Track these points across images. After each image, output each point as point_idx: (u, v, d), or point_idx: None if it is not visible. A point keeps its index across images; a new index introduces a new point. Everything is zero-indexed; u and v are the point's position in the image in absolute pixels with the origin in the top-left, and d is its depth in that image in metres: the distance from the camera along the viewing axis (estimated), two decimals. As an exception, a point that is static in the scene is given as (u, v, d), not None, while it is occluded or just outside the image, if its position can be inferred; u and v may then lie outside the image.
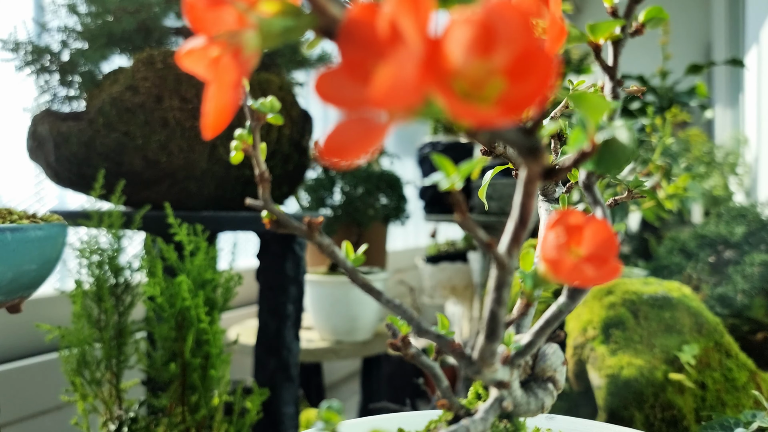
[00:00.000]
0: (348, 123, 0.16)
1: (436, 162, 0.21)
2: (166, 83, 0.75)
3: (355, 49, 0.16)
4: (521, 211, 0.21)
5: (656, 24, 0.30)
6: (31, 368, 0.91)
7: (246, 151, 0.30)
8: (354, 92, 0.16)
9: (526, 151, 0.18)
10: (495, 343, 0.24)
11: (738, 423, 0.63)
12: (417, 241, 2.46)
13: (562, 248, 0.23)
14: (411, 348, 0.30)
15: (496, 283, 0.22)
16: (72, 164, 0.76)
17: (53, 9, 0.80)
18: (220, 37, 0.18)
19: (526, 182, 0.20)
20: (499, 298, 0.22)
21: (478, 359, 0.25)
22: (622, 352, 0.77)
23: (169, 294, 0.67)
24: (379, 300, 0.26)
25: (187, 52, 0.19)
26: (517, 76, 0.15)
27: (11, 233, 0.50)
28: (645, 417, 0.73)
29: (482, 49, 0.15)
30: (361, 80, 0.16)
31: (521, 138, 0.18)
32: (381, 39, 0.16)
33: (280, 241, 0.90)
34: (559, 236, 0.23)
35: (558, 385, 0.31)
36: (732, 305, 1.00)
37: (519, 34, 0.15)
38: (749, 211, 1.09)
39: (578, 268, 0.22)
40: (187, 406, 0.68)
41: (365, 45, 0.16)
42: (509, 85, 0.15)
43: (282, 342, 0.89)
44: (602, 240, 0.23)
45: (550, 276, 0.24)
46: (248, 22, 0.18)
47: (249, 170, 0.82)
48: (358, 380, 1.64)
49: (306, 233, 0.26)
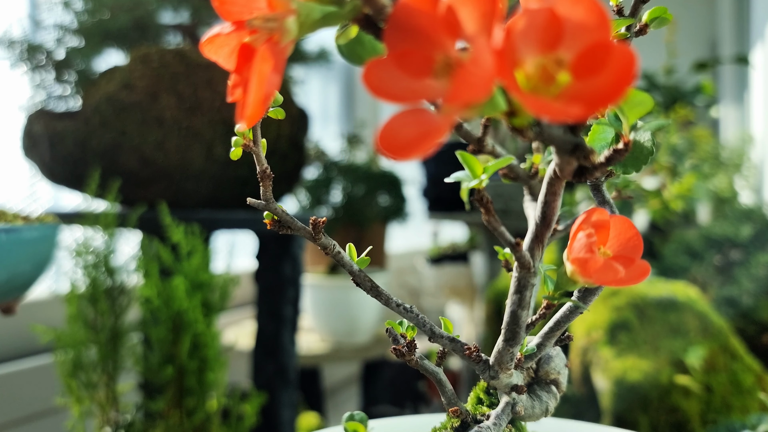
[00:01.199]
0: (403, 117, 0.15)
1: (463, 160, 0.21)
2: (162, 81, 0.74)
3: (406, 39, 0.15)
4: (545, 210, 0.20)
5: (660, 24, 0.29)
6: (26, 371, 0.90)
7: (246, 148, 0.28)
8: (406, 84, 0.15)
9: (569, 149, 0.17)
10: (516, 347, 0.24)
11: (744, 426, 0.62)
12: (418, 241, 2.45)
13: (591, 248, 0.22)
14: (415, 354, 0.29)
15: (518, 284, 0.22)
16: (67, 163, 0.75)
17: (48, 6, 0.80)
18: (254, 23, 0.17)
19: (553, 180, 0.20)
20: (520, 301, 0.22)
21: (495, 363, 0.24)
22: (627, 355, 0.75)
23: (165, 296, 0.66)
24: (388, 304, 0.25)
25: (209, 39, 0.18)
26: (588, 70, 0.15)
27: (5, 234, 0.49)
28: (650, 420, 0.72)
29: (551, 41, 0.15)
30: (413, 71, 0.15)
31: (566, 135, 0.17)
32: (436, 29, 0.15)
33: (279, 241, 0.89)
34: (590, 236, 0.22)
35: (561, 388, 0.31)
36: (738, 307, 0.99)
37: (590, 26, 0.15)
38: (755, 211, 1.08)
39: (609, 268, 0.22)
40: (183, 409, 0.68)
41: (417, 35, 0.15)
42: (580, 80, 0.15)
43: (280, 345, 0.88)
44: (627, 239, 0.22)
45: (578, 277, 0.23)
46: (286, 7, 0.17)
47: (246, 170, 0.81)
48: (358, 384, 1.63)
49: (310, 234, 0.25)
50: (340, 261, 0.25)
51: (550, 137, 0.17)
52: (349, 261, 0.26)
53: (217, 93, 0.76)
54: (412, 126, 0.15)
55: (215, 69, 0.77)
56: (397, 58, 0.15)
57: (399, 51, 0.15)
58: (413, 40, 0.15)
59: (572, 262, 0.23)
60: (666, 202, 0.84)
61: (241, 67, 0.18)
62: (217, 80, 0.76)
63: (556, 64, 0.15)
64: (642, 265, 0.22)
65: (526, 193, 0.38)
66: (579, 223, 0.23)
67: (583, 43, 0.15)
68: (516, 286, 0.22)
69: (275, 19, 0.17)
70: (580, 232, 0.22)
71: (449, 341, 0.25)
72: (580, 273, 0.22)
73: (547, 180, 0.20)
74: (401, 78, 0.15)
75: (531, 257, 0.21)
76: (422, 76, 0.15)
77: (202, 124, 0.75)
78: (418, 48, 0.15)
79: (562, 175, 0.19)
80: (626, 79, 0.14)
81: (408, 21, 0.15)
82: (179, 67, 0.75)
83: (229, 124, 0.77)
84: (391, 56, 0.15)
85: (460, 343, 0.25)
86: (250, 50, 0.17)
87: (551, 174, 0.20)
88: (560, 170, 0.19)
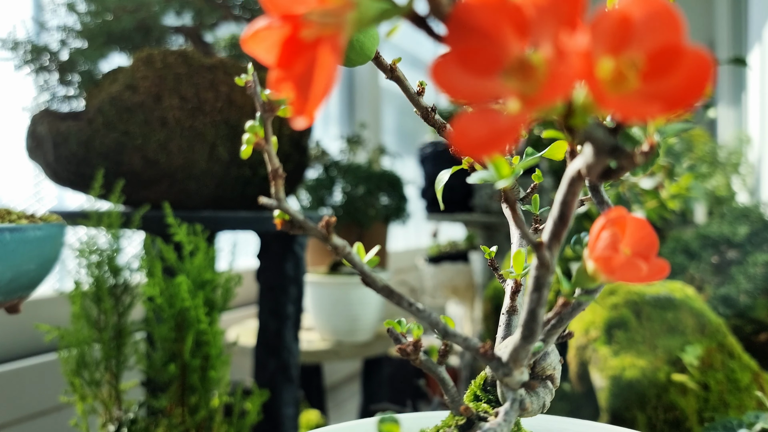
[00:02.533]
0: (474, 116, 0.15)
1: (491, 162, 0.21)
2: (165, 82, 0.75)
3: (470, 38, 0.15)
4: (562, 208, 0.21)
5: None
6: (30, 369, 0.91)
7: (258, 146, 0.27)
8: (474, 83, 0.15)
9: (608, 151, 0.17)
10: (532, 344, 0.24)
11: (741, 424, 0.63)
12: (418, 241, 2.46)
13: (616, 247, 0.22)
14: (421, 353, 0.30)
15: (537, 283, 0.22)
16: (71, 164, 0.76)
17: (52, 8, 0.80)
18: (311, 17, 0.17)
19: (575, 181, 0.20)
20: (539, 299, 0.22)
21: (510, 361, 0.24)
22: (624, 353, 0.76)
23: (168, 294, 0.67)
24: (399, 304, 0.25)
25: (253, 33, 0.18)
26: (659, 72, 0.15)
27: (10, 233, 0.49)
28: (647, 418, 0.72)
29: (623, 41, 0.15)
30: (478, 70, 0.15)
31: (606, 136, 0.17)
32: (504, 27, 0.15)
33: (280, 241, 0.90)
34: (615, 234, 0.22)
35: (555, 383, 0.31)
36: (735, 306, 1.00)
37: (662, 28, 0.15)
38: (752, 211, 1.09)
39: (632, 266, 0.22)
40: (186, 407, 0.68)
41: (482, 33, 0.15)
42: (651, 81, 0.15)
43: (282, 343, 0.89)
44: (642, 237, 0.23)
45: (600, 275, 0.23)
46: (345, 2, 0.17)
47: (248, 170, 0.81)
48: (359, 381, 1.63)
49: (322, 235, 0.25)
50: (351, 261, 0.25)
51: (593, 138, 0.17)
52: (360, 261, 0.25)
53: (219, 94, 0.77)
54: (484, 125, 0.15)
55: (218, 70, 0.77)
56: (461, 57, 0.15)
57: (462, 49, 0.15)
58: (478, 38, 0.15)
59: (595, 260, 0.23)
60: (663, 202, 0.85)
61: (287, 61, 0.18)
62: (220, 82, 0.77)
63: (628, 64, 0.15)
64: (660, 263, 0.22)
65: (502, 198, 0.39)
66: (600, 222, 0.23)
67: (654, 44, 0.15)
68: (535, 284, 0.22)
69: (334, 14, 0.17)
70: (603, 231, 0.23)
71: (463, 340, 0.26)
72: (604, 271, 0.23)
73: (569, 180, 0.20)
74: (468, 76, 0.15)
75: (550, 255, 0.22)
76: (488, 75, 0.15)
77: (205, 124, 0.76)
78: (482, 46, 0.15)
79: (590, 175, 0.19)
80: (701, 83, 0.14)
81: (473, 19, 0.15)
82: (182, 68, 0.76)
83: (232, 125, 0.78)
84: (454, 55, 0.15)
85: (474, 342, 0.26)
86: (300, 45, 0.17)
87: (573, 174, 0.20)
88: (588, 171, 0.19)
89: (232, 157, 0.79)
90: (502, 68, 0.15)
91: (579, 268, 0.25)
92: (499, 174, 0.21)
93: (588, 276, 0.24)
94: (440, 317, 0.26)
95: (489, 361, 0.25)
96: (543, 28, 0.15)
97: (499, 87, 0.15)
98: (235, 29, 0.95)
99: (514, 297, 0.33)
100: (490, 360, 0.25)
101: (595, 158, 0.18)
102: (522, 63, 0.15)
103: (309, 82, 0.17)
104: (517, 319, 0.33)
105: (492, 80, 0.15)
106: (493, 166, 0.21)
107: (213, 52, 0.90)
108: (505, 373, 0.25)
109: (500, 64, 0.15)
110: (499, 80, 0.15)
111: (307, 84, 0.17)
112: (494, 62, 0.15)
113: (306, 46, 0.17)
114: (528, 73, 0.15)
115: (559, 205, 0.21)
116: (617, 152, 0.17)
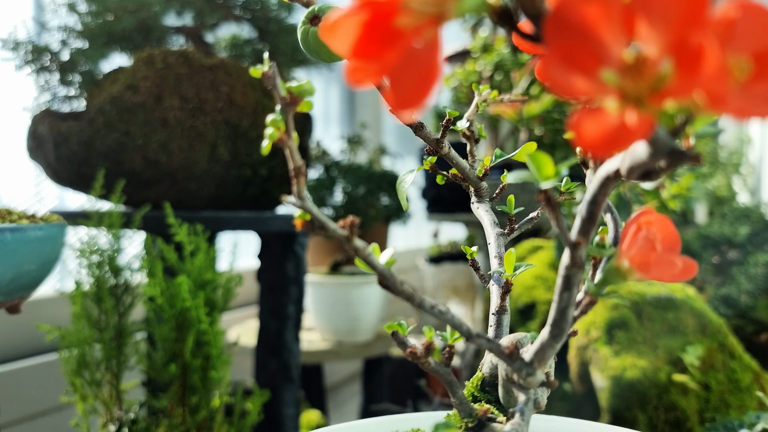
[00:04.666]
0: (594, 115, 0.15)
1: (532, 160, 0.21)
2: (166, 82, 0.75)
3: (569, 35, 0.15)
4: (593, 209, 0.21)
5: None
6: (31, 369, 0.91)
7: (281, 142, 0.25)
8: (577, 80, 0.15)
9: (668, 152, 0.17)
10: (560, 343, 0.24)
11: (742, 424, 0.63)
12: (419, 241, 2.46)
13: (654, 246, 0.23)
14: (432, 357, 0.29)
15: (569, 282, 0.22)
16: (72, 164, 0.76)
17: (53, 8, 0.80)
18: (411, 5, 0.16)
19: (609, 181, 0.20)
20: (570, 297, 0.23)
21: (536, 360, 0.25)
22: (625, 353, 0.76)
23: (169, 294, 0.67)
24: (421, 307, 0.25)
25: (335, 22, 0.17)
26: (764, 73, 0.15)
27: (11, 233, 0.49)
28: (648, 418, 0.72)
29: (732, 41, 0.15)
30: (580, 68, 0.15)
31: (668, 138, 0.17)
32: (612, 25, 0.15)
33: (281, 241, 0.90)
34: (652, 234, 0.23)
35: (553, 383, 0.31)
36: (736, 306, 1.00)
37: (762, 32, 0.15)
38: (753, 211, 1.09)
39: (667, 264, 0.22)
40: (187, 407, 0.68)
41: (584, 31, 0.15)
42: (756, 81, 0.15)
43: (283, 343, 0.89)
44: (668, 235, 0.23)
45: (635, 273, 0.24)
46: None
47: (249, 170, 0.81)
48: (359, 381, 1.63)
49: (345, 236, 0.24)
50: (370, 263, 0.24)
51: (656, 138, 0.17)
52: (380, 263, 0.24)
53: (220, 94, 0.77)
54: (606, 125, 0.15)
55: (219, 71, 0.77)
56: (562, 55, 0.15)
57: (562, 47, 0.15)
58: (578, 36, 0.15)
59: (631, 259, 0.23)
60: (664, 202, 0.85)
61: (376, 51, 0.17)
62: (220, 82, 0.77)
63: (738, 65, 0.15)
64: (688, 261, 0.23)
65: (472, 195, 0.39)
66: (632, 221, 0.23)
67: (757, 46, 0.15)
68: (567, 283, 0.22)
69: (437, 3, 0.16)
70: (640, 231, 0.23)
71: (487, 341, 0.26)
72: (639, 269, 0.23)
73: (601, 180, 0.20)
74: (571, 74, 0.15)
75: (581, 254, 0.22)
76: (591, 73, 0.15)
77: (206, 125, 0.76)
78: (583, 44, 0.15)
79: (630, 176, 0.19)
80: None
81: (574, 17, 0.15)
82: (183, 68, 0.76)
83: (232, 125, 0.78)
84: (553, 52, 0.15)
85: (498, 343, 0.26)
86: (393, 33, 0.17)
87: (608, 174, 0.20)
88: (630, 172, 0.19)
89: (232, 157, 0.79)
90: (604, 66, 0.15)
91: (609, 266, 0.25)
92: (542, 174, 0.21)
93: (620, 274, 0.24)
94: (461, 319, 0.26)
95: (514, 362, 0.25)
96: (657, 25, 0.14)
97: (603, 85, 0.15)
98: (236, 29, 0.95)
99: (504, 297, 0.33)
100: (515, 361, 0.25)
101: (649, 159, 0.18)
102: (629, 61, 0.15)
103: (409, 72, 0.16)
104: (507, 319, 0.33)
105: (595, 78, 0.15)
106: (535, 166, 0.21)
107: (214, 52, 0.90)
108: (528, 373, 0.25)
109: (603, 61, 0.15)
110: (603, 78, 0.15)
111: (407, 75, 0.17)
112: (597, 60, 0.15)
113: (399, 35, 0.17)
114: (635, 71, 0.15)
115: (588, 204, 0.21)
116: (676, 155, 0.17)
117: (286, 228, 0.87)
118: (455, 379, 0.30)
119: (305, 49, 0.32)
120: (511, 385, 0.27)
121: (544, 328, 0.25)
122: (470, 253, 0.35)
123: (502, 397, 0.31)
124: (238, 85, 0.78)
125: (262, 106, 0.80)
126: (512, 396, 0.30)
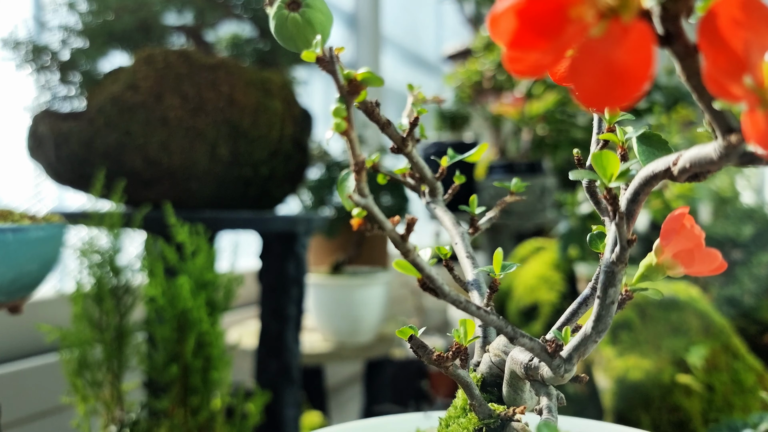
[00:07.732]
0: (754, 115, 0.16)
1: (595, 160, 0.21)
2: (166, 82, 0.74)
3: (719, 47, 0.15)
4: (632, 207, 0.22)
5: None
6: (32, 369, 0.91)
7: (345, 134, 0.22)
8: (733, 86, 0.16)
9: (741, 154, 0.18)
10: (601, 338, 0.25)
11: (746, 425, 0.62)
12: (419, 241, 2.45)
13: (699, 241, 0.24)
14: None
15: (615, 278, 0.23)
16: (72, 164, 0.75)
17: (53, 7, 0.80)
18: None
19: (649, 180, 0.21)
20: (616, 293, 0.24)
21: (575, 354, 0.25)
22: (628, 354, 0.76)
23: (170, 295, 0.66)
24: (467, 310, 0.25)
25: (503, 12, 0.16)
26: None
27: (12, 234, 0.49)
28: (652, 419, 0.72)
29: None
30: (731, 76, 0.15)
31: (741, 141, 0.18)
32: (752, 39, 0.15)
33: (282, 241, 0.90)
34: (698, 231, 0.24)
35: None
36: (739, 306, 0.99)
37: None
38: (757, 211, 1.08)
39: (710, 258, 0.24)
40: (188, 408, 0.68)
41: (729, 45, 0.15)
42: None
43: (284, 344, 0.89)
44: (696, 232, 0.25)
45: (678, 267, 0.25)
46: None
47: (250, 170, 0.81)
48: (361, 383, 1.63)
49: (399, 237, 0.23)
50: (417, 266, 0.24)
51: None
52: (428, 266, 0.24)
53: (220, 94, 0.77)
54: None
55: (219, 70, 0.77)
56: (715, 64, 0.15)
57: (714, 56, 0.15)
58: (726, 48, 0.15)
59: (675, 254, 0.25)
60: (667, 202, 0.84)
61: (543, 42, 0.16)
62: (221, 81, 0.77)
63: None
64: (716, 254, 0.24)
65: (426, 195, 0.39)
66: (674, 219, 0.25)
67: None
68: (611, 279, 0.23)
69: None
70: (683, 228, 0.24)
71: (529, 340, 0.26)
72: (683, 264, 0.25)
73: (644, 180, 0.21)
74: (728, 81, 0.15)
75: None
76: (736, 79, 0.15)
77: (206, 124, 0.76)
78: (730, 56, 0.15)
79: (681, 176, 0.20)
80: None
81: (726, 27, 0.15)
82: (183, 68, 0.76)
83: (233, 125, 0.78)
84: (709, 61, 0.16)
85: (540, 343, 0.26)
86: (566, 25, 0.16)
87: (655, 173, 0.21)
88: (684, 171, 0.19)
89: (233, 156, 0.78)
90: (747, 73, 0.16)
91: (647, 262, 0.26)
92: (605, 173, 0.21)
93: (660, 269, 0.26)
94: (505, 320, 0.26)
95: (552, 360, 0.25)
96: None
97: (744, 92, 0.16)
98: (237, 28, 0.95)
99: (491, 296, 0.33)
100: (554, 358, 0.25)
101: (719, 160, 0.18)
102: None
103: (594, 67, 0.16)
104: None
105: (739, 84, 0.16)
106: (599, 166, 0.21)
107: (214, 51, 0.90)
108: (567, 369, 0.25)
109: (745, 71, 0.16)
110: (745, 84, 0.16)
111: (593, 69, 0.16)
112: (743, 67, 0.16)
113: (569, 26, 0.16)
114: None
115: (628, 203, 0.22)
116: (747, 156, 0.18)
117: (287, 228, 0.86)
118: (473, 382, 0.30)
119: (278, 37, 0.30)
120: (532, 383, 0.27)
121: (586, 323, 0.25)
122: (444, 254, 0.34)
123: (506, 396, 0.31)
124: (239, 85, 0.78)
125: (263, 106, 0.80)
126: (519, 394, 0.30)
